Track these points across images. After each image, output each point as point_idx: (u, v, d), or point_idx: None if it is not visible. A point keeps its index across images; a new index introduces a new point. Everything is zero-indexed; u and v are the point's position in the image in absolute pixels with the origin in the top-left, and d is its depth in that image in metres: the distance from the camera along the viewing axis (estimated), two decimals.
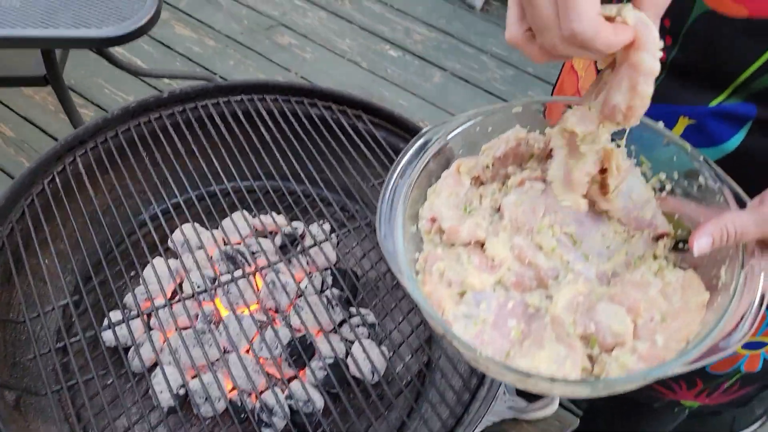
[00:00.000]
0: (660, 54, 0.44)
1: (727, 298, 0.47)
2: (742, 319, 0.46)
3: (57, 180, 1.00)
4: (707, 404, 0.90)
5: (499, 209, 0.60)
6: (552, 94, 0.91)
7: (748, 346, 0.77)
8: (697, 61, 0.56)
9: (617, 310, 0.50)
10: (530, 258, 0.55)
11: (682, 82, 0.60)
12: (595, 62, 0.72)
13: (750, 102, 0.59)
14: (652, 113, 0.61)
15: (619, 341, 0.49)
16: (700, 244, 0.48)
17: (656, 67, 0.44)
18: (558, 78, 0.92)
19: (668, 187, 0.57)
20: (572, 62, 0.84)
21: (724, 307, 0.47)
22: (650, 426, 1.21)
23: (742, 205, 0.51)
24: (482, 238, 0.57)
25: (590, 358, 0.50)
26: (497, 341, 0.52)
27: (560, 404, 1.73)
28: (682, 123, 0.61)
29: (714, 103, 0.58)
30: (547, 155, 0.62)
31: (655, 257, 0.55)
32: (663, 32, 0.60)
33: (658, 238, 0.57)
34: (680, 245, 0.56)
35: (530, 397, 1.62)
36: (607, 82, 0.48)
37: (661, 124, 0.55)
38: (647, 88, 0.46)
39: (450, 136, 0.60)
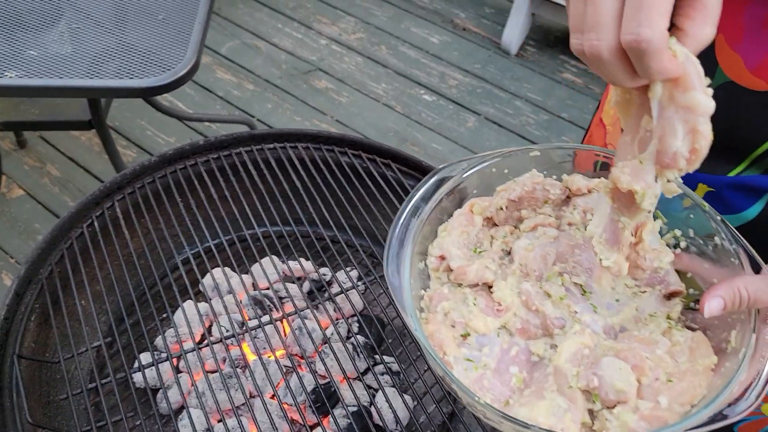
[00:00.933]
0: (710, 91, 0.42)
1: (735, 363, 0.47)
2: (749, 387, 0.45)
3: (95, 224, 1.04)
4: None
5: (509, 252, 0.60)
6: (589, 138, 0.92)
7: None
8: (716, 131, 0.57)
9: (622, 366, 0.50)
10: (537, 305, 0.55)
11: None
12: None
13: None
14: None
15: (621, 399, 0.49)
16: (711, 307, 0.48)
17: (711, 105, 0.43)
18: (587, 130, 0.93)
19: (683, 244, 0.57)
20: (601, 115, 0.84)
21: (731, 374, 0.46)
22: None
23: (757, 269, 0.50)
24: (490, 280, 0.58)
25: (591, 413, 0.50)
26: (497, 388, 0.52)
27: None
28: (701, 189, 0.61)
29: (732, 174, 0.59)
30: (563, 201, 0.63)
31: (668, 318, 0.55)
32: None
33: (670, 296, 0.56)
34: (691, 304, 0.56)
35: None
36: (650, 130, 0.46)
37: (679, 180, 0.54)
38: (707, 128, 0.44)
39: (465, 175, 0.61)
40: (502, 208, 0.61)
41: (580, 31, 0.41)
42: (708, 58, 0.59)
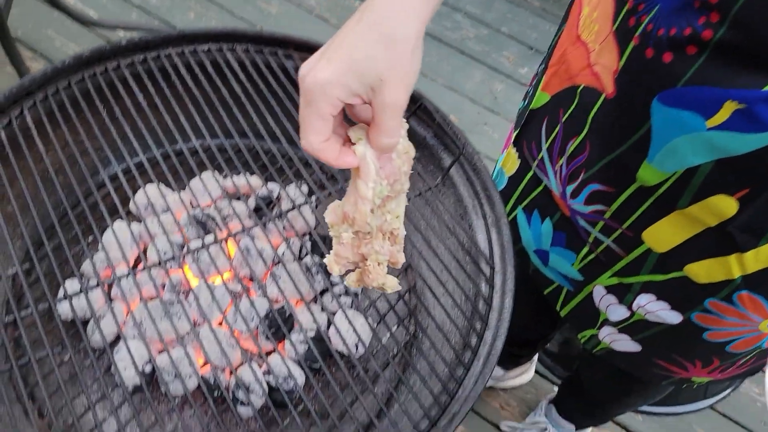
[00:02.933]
0: (373, 186, 0.58)
1: None
2: None
3: (2, 135, 0.89)
4: (718, 379, 0.86)
5: None
6: (546, 65, 0.84)
7: None
8: (750, 42, 0.50)
9: None
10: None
11: (729, 64, 0.53)
12: (615, 32, 0.64)
13: None
14: (693, 96, 0.57)
15: None
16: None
17: (369, 195, 0.58)
18: (553, 47, 0.84)
19: None
20: (578, 32, 0.76)
21: None
22: (640, 396, 1.17)
23: None
24: None
25: None
26: None
27: (537, 372, 1.70)
28: (728, 108, 0.54)
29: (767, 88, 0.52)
30: None
31: None
32: (707, 9, 0.53)
33: None
34: None
35: (507, 366, 1.58)
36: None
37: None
38: (365, 208, 0.60)
39: None
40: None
41: None
42: None
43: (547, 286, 0.92)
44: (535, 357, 1.66)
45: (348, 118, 0.58)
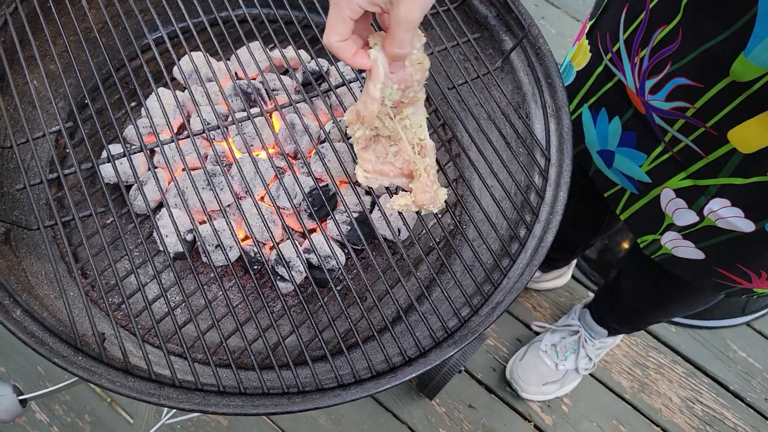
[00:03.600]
0: (381, 88, 0.65)
1: None
2: None
3: None
4: None
5: None
6: None
7: None
8: None
9: None
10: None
11: None
12: None
13: None
14: None
15: None
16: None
17: (377, 95, 0.66)
18: None
19: None
20: None
21: None
22: (682, 307, 1.15)
23: None
24: None
25: None
26: None
27: (572, 277, 1.68)
28: None
29: None
30: None
31: None
32: None
33: None
34: None
35: (545, 267, 1.56)
36: None
37: None
38: (373, 107, 0.68)
39: None
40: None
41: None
42: None
43: (608, 189, 0.88)
44: (574, 261, 1.64)
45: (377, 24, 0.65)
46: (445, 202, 0.78)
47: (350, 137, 0.77)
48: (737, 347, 1.63)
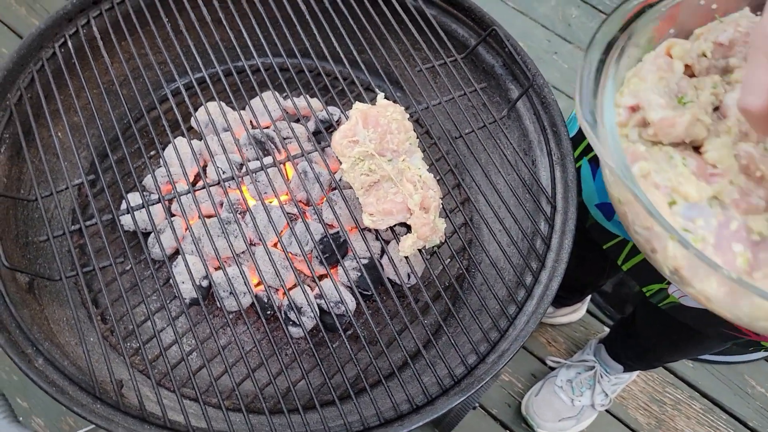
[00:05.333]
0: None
1: None
2: None
3: (69, 44, 0.90)
4: None
5: (718, 108, 0.49)
6: None
7: None
8: None
9: None
10: (764, 171, 0.45)
11: None
12: None
13: None
14: None
15: None
16: None
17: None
18: None
19: None
20: None
21: None
22: (697, 349, 1.15)
23: None
24: (701, 138, 0.46)
25: None
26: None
27: (588, 311, 1.68)
28: None
29: None
30: None
31: None
32: None
33: None
34: None
35: (559, 304, 1.57)
36: None
37: None
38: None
39: (668, 6, 0.49)
40: (705, 54, 0.49)
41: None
42: None
43: (607, 241, 0.89)
44: (588, 297, 1.65)
45: None
46: (446, 237, 0.80)
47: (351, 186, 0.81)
48: (756, 382, 1.62)
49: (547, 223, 0.84)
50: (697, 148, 0.47)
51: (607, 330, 1.61)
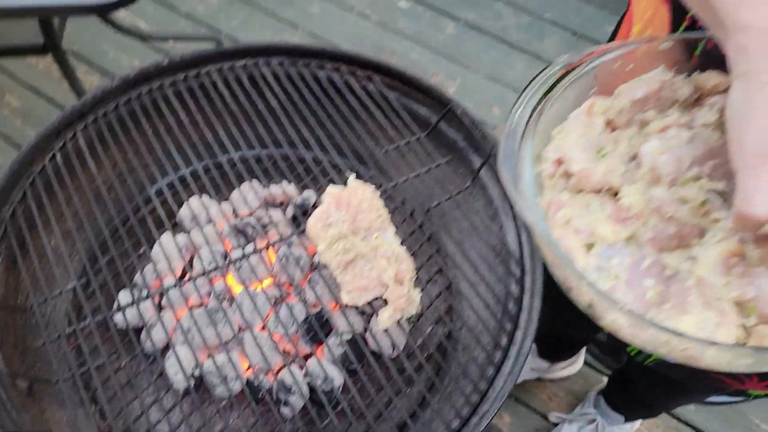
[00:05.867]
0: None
1: None
2: None
3: (58, 157, 0.96)
4: None
5: (635, 157, 0.54)
6: (617, 39, 0.82)
7: None
8: None
9: None
10: (672, 212, 0.49)
11: None
12: None
13: None
14: None
15: None
16: None
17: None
18: (623, 18, 0.81)
19: None
20: None
21: None
22: (692, 399, 1.17)
23: None
24: (617, 185, 0.52)
25: (743, 328, 0.45)
26: (630, 302, 0.48)
27: (585, 363, 1.70)
28: None
29: None
30: (693, 103, 0.57)
31: None
32: None
33: None
34: None
35: (553, 359, 1.59)
36: None
37: None
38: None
39: (586, 70, 0.55)
40: (624, 110, 0.55)
41: None
42: None
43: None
44: (583, 349, 1.66)
45: None
46: (426, 306, 0.84)
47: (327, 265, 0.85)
48: (760, 420, 1.62)
49: (518, 285, 0.88)
50: (616, 194, 0.52)
51: (605, 380, 1.63)
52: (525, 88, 0.55)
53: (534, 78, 0.56)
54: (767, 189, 0.40)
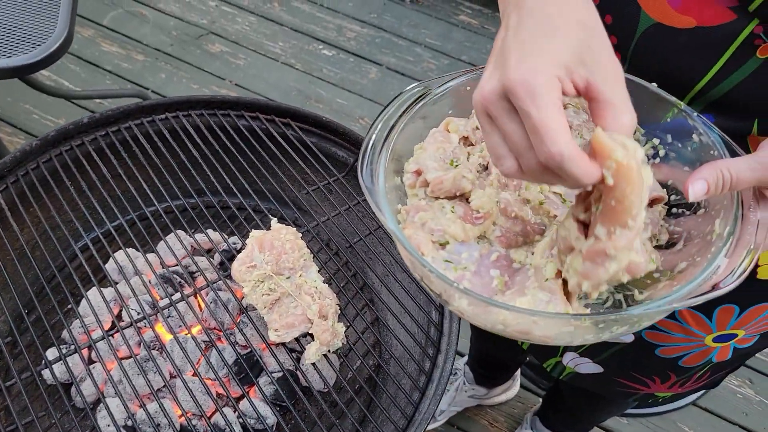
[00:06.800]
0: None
1: (720, 242, 0.48)
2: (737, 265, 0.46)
3: None
4: (680, 392, 0.91)
5: (486, 167, 0.60)
6: None
7: (719, 339, 0.78)
8: (649, 76, 0.56)
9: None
10: (516, 212, 0.55)
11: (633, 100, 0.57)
12: None
13: (708, 112, 0.59)
14: None
15: None
16: (695, 189, 0.46)
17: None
18: None
19: (662, 152, 0.56)
20: None
21: (717, 251, 0.47)
22: (616, 408, 1.23)
23: (735, 156, 0.50)
24: (467, 190, 0.57)
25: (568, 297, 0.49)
26: (477, 288, 0.52)
27: (522, 386, 1.75)
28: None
29: (669, 117, 0.57)
30: None
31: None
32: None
33: (652, 203, 0.56)
34: (674, 210, 0.56)
35: (489, 384, 1.63)
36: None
37: (654, 85, 0.54)
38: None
39: (438, 93, 0.60)
40: (477, 128, 0.61)
41: (507, 157, 0.43)
42: (630, 3, 0.59)
43: None
44: (518, 372, 1.72)
45: None
46: (354, 340, 0.87)
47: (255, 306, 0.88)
48: (688, 427, 1.69)
49: (437, 311, 0.93)
50: (468, 199, 0.59)
51: (540, 401, 1.68)
52: (381, 111, 0.60)
53: (391, 101, 0.61)
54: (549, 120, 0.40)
